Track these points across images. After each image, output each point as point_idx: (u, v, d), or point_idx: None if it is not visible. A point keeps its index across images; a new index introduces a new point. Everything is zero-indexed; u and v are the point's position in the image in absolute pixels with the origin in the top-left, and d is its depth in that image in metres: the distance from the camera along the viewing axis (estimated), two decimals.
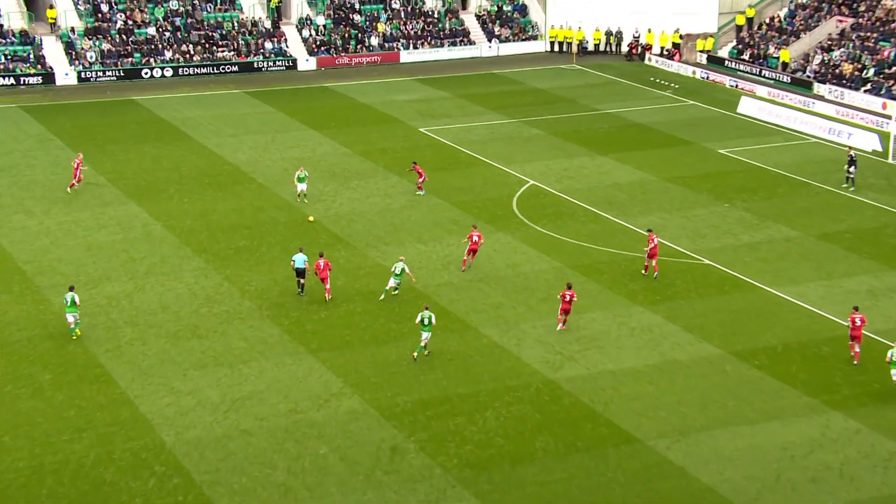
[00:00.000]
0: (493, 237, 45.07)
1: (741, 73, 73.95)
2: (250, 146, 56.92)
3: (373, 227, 46.05)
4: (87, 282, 40.02)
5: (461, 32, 79.96)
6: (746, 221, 47.49)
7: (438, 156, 56.02)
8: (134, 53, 71.93)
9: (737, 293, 40.41)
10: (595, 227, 46.57)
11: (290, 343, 35.96)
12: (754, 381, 34.13)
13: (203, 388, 33.03)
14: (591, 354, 35.59)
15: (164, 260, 42.39)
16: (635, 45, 78.85)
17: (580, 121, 63.16)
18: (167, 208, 47.91)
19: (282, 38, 75.63)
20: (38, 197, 48.98)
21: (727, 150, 57.73)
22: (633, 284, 40.81)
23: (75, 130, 59.24)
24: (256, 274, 41.24)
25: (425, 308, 34.85)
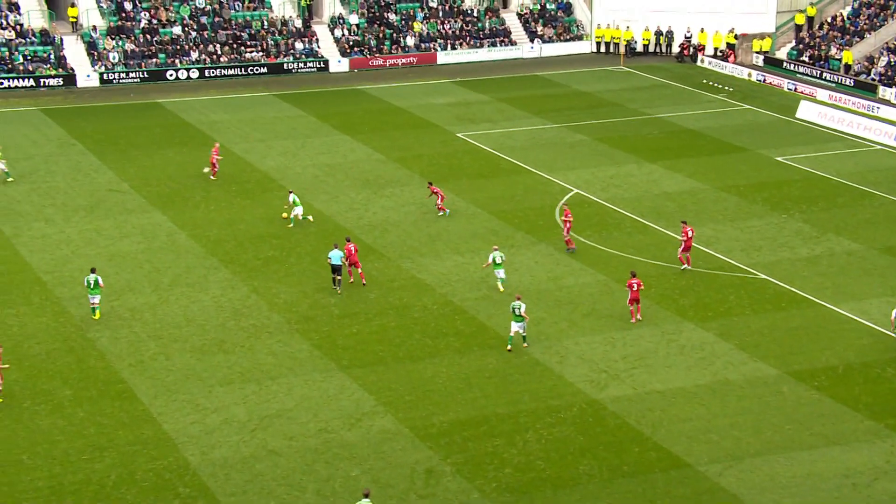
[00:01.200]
0: (535, 248, 45.19)
1: (800, 75, 73.62)
2: (279, 152, 57.42)
3: (408, 238, 46.30)
4: (110, 293, 40.53)
5: (502, 32, 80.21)
6: (805, 233, 47.28)
7: (477, 163, 56.23)
8: (158, 54, 72.78)
9: (794, 310, 40.26)
10: (642, 238, 46.56)
11: (320, 359, 36.25)
12: (813, 404, 33.97)
13: (229, 406, 33.37)
14: (639, 373, 35.59)
15: (190, 271, 42.85)
16: (687, 46, 78.73)
17: (627, 126, 63.16)
18: (192, 217, 48.43)
19: (313, 38, 76.23)
20: (59, 204, 49.69)
21: (784, 158, 57.52)
22: (683, 300, 40.77)
23: (97, 135, 60.03)
24: (285, 286, 41.60)
25: (517, 298, 36.33)
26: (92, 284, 38.16)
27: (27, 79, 69.09)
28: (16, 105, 65.52)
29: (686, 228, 42.86)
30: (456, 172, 54.60)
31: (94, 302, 38.48)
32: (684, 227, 43.10)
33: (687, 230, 42.78)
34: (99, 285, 38.19)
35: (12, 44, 70.51)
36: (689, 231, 42.71)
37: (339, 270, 40.65)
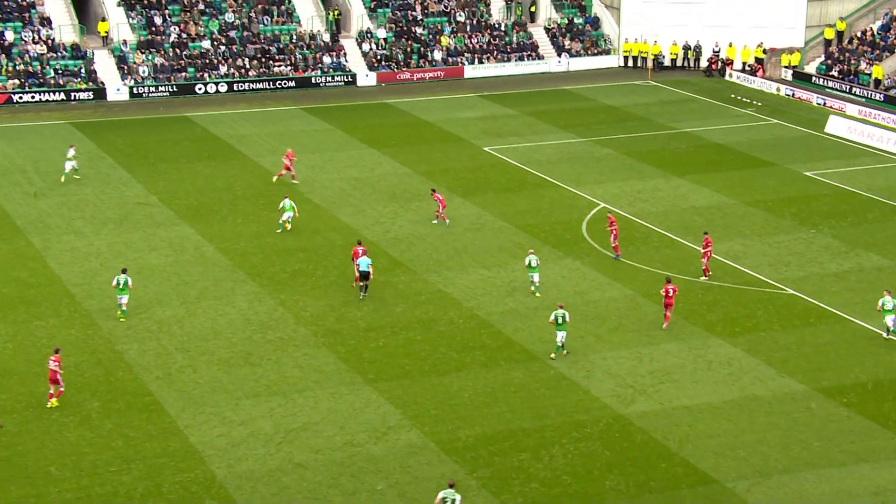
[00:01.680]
0: (561, 263, 45.14)
1: (830, 90, 73.28)
2: (307, 165, 57.62)
3: (434, 251, 46.34)
4: (138, 306, 40.76)
5: (529, 46, 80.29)
6: (834, 249, 47.01)
7: (504, 176, 56.25)
8: (188, 68, 73.27)
9: (823, 325, 40.01)
10: (670, 253, 46.41)
11: (346, 372, 36.30)
12: (842, 420, 33.73)
13: (256, 419, 33.46)
14: (666, 389, 35.43)
15: (217, 284, 43.04)
16: (715, 60, 78.55)
17: (655, 140, 63.03)
18: (220, 230, 48.67)
19: (341, 52, 76.55)
20: (88, 217, 50.04)
21: (813, 173, 57.23)
22: (710, 315, 40.59)
23: (126, 148, 60.44)
24: (312, 299, 41.71)
25: (559, 307, 36.74)
26: (121, 285, 39.34)
27: (58, 93, 69.68)
28: (47, 118, 66.10)
29: (707, 239, 43.45)
30: (482, 186, 54.64)
31: (121, 302, 39.54)
32: (706, 237, 43.68)
33: (709, 240, 43.39)
34: (128, 286, 39.28)
35: (44, 58, 71.16)
36: (710, 241, 43.43)
37: (367, 277, 41.14)
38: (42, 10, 73.88)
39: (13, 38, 71.64)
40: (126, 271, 39.98)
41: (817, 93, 72.12)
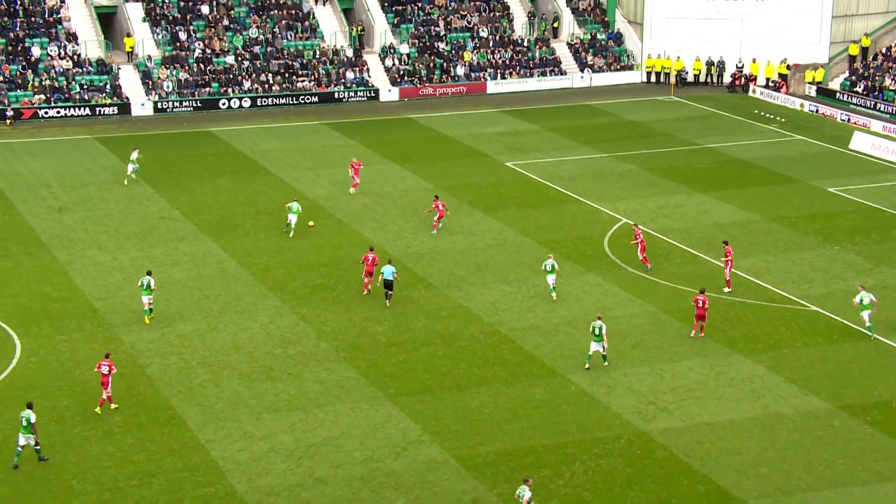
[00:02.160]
0: (583, 279, 45.06)
1: (854, 106, 72.99)
2: (329, 180, 57.79)
3: (455, 267, 46.36)
4: (160, 320, 40.93)
5: (552, 62, 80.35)
6: (857, 266, 46.74)
7: (526, 192, 56.24)
8: (211, 83, 73.68)
9: (847, 342, 39.77)
10: (692, 269, 46.27)
11: (367, 387, 36.32)
12: (866, 439, 33.49)
13: (276, 434, 33.51)
14: (687, 405, 35.28)
15: (239, 298, 43.18)
16: (738, 76, 78.39)
17: (678, 156, 62.91)
18: (243, 244, 48.84)
19: (364, 68, 76.82)
20: (112, 232, 50.32)
21: (837, 189, 56.97)
22: (732, 331, 40.43)
23: (150, 163, 60.73)
24: (333, 314, 41.78)
25: (598, 318, 37.15)
26: (145, 285, 40.36)
27: (83, 107, 70.18)
28: (72, 133, 66.56)
29: (728, 248, 43.71)
30: (504, 201, 54.65)
31: (145, 303, 40.57)
32: (726, 247, 43.87)
33: (729, 250, 43.71)
34: (151, 287, 40.27)
35: (70, 73, 71.71)
36: (730, 251, 43.78)
37: (391, 285, 41.70)
38: (68, 26, 74.50)
39: (39, 54, 72.25)
40: (151, 273, 40.90)
41: (841, 109, 71.82)
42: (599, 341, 36.97)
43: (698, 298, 39.27)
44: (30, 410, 31.55)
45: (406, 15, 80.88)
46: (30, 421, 31.34)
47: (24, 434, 31.40)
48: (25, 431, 31.37)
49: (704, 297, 39.31)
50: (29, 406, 31.76)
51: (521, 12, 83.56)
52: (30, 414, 31.44)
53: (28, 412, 31.48)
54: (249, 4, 78.79)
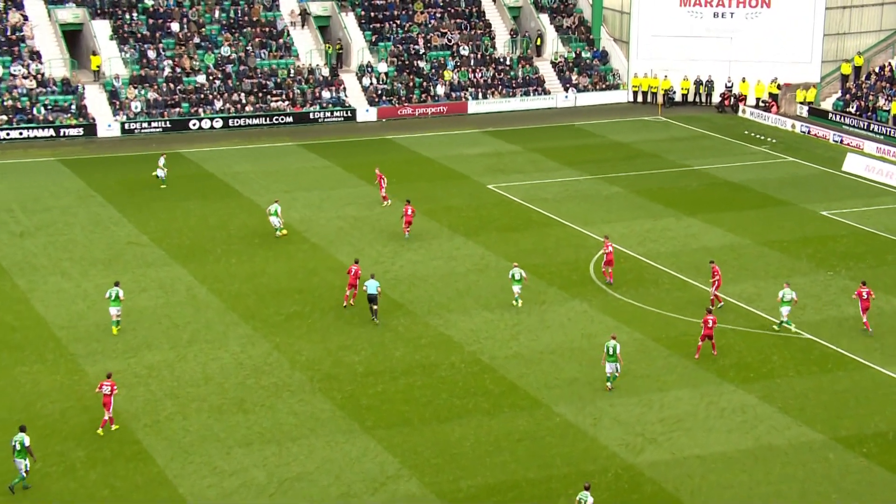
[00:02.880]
0: (568, 305, 45.02)
1: (847, 127, 73.42)
2: (304, 203, 57.70)
3: (435, 293, 46.27)
4: (126, 350, 40.66)
5: (535, 81, 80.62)
6: (852, 291, 46.78)
7: (508, 215, 56.26)
8: (182, 103, 73.57)
9: (841, 371, 39.80)
10: (681, 295, 46.30)
11: (343, 419, 36.12)
12: (862, 472, 33.46)
13: (248, 468, 33.24)
14: (677, 437, 35.20)
15: (209, 326, 42.94)
16: (728, 96, 78.80)
17: (665, 178, 63.10)
18: (213, 270, 48.63)
19: (340, 87, 76.87)
20: (77, 258, 50.03)
21: (830, 212, 57.21)
22: (723, 360, 40.42)
23: (117, 186, 60.55)
24: (308, 342, 41.59)
25: (612, 337, 37.87)
26: (113, 296, 41.57)
27: (47, 129, 69.92)
28: (35, 156, 66.31)
29: (715, 267, 44.41)
30: (486, 225, 54.65)
31: (113, 314, 41.72)
32: (713, 266, 44.70)
33: (716, 269, 44.60)
34: (119, 298, 41.53)
35: (33, 93, 71.49)
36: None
37: (375, 300, 42.58)
38: (32, 44, 74.33)
39: (2, 73, 72.05)
40: (119, 284, 42.15)
41: (834, 130, 72.23)
42: (614, 361, 37.55)
43: (707, 319, 39.99)
44: (23, 434, 31.67)
45: (384, 32, 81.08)
46: (24, 444, 31.46)
47: (18, 458, 31.49)
48: (19, 456, 31.47)
49: (714, 318, 40.07)
50: (22, 429, 31.86)
51: (504, 30, 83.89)
52: (23, 437, 31.56)
53: (21, 435, 31.61)
54: (221, 22, 78.84)
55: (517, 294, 44.45)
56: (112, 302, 41.72)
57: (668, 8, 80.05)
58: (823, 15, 78.21)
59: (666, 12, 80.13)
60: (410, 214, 52.11)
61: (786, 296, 42.41)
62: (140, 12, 77.64)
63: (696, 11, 79.75)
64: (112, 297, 41.66)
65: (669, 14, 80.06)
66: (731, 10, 79.26)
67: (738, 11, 79.17)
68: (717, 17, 79.65)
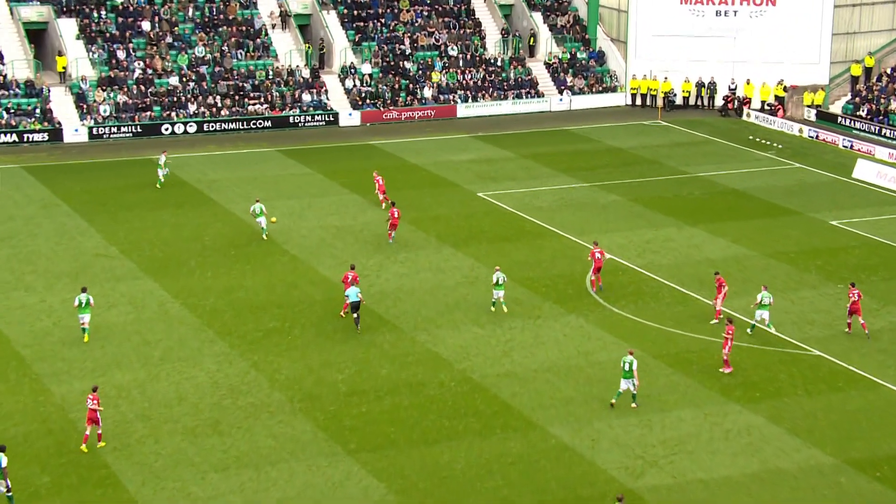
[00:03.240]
0: (563, 320, 45.07)
1: (857, 131, 73.73)
2: (283, 212, 57.68)
3: (423, 307, 46.28)
4: (94, 369, 40.57)
5: (528, 83, 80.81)
6: (864, 306, 46.94)
7: (500, 225, 56.33)
8: (153, 106, 73.56)
9: (853, 390, 39.90)
10: (682, 309, 46.39)
11: (325, 442, 36.08)
12: (875, 496, 33.54)
13: (224, 494, 33.18)
14: (679, 460, 35.24)
15: (183, 344, 42.88)
16: (731, 99, 79.09)
17: (666, 185, 63.26)
18: (187, 284, 48.57)
19: (322, 90, 76.96)
20: (41, 271, 49.93)
21: (840, 222, 57.40)
22: (728, 378, 40.49)
23: (84, 194, 60.47)
24: (288, 360, 41.56)
25: (629, 353, 37.94)
26: (83, 303, 42.19)
27: (9, 134, 69.82)
28: None
29: (720, 279, 44.67)
30: (476, 235, 54.70)
31: (83, 322, 42.37)
32: (718, 278, 45.17)
33: (721, 280, 44.99)
34: (90, 304, 42.24)
35: None
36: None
37: (357, 308, 43.19)
38: None
39: None
40: (86, 290, 42.81)
41: (843, 134, 72.52)
42: (630, 378, 37.65)
43: (730, 328, 40.48)
44: (1, 453, 31.73)
45: (368, 32, 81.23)
46: (0, 465, 31.50)
47: None
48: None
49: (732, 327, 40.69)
50: (1, 449, 31.91)
51: (495, 29, 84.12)
52: (1, 457, 31.61)
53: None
54: (195, 20, 78.89)
55: (501, 299, 45.20)
56: (81, 309, 42.31)
57: (669, 6, 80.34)
58: (832, 13, 78.55)
59: (666, 10, 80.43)
60: (396, 217, 52.80)
61: (764, 299, 43.53)
62: (109, 10, 77.65)
63: (697, 9, 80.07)
64: (82, 305, 42.26)
65: (669, 12, 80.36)
66: (735, 9, 79.58)
67: (741, 10, 79.50)
68: (719, 16, 79.96)
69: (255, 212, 53.43)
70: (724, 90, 79.84)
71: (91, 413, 35.07)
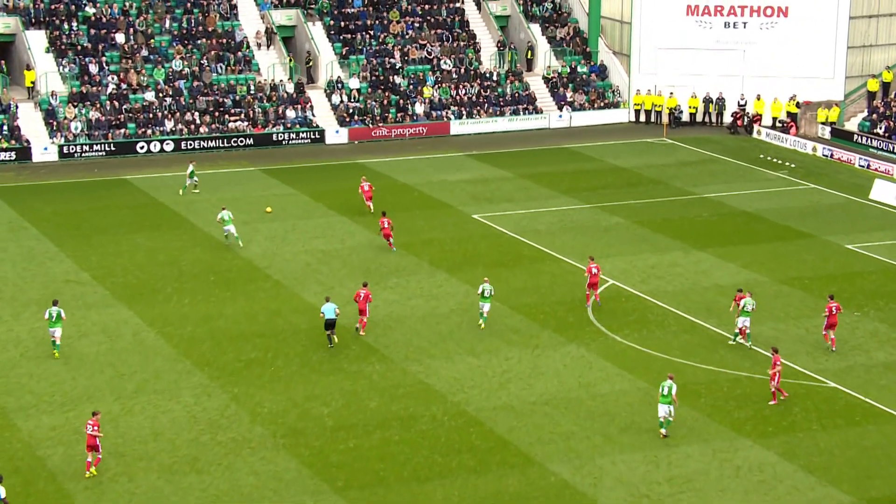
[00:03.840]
0: (564, 350, 45.13)
1: (874, 150, 74.01)
2: (266, 236, 57.75)
3: (414, 336, 46.32)
4: (64, 402, 40.52)
5: (525, 99, 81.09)
6: (882, 335, 47.12)
7: (496, 249, 56.43)
8: (128, 123, 73.69)
9: (871, 425, 39.95)
10: (689, 338, 46.47)
11: (310, 479, 36.05)
12: None
13: None
14: (687, 499, 35.26)
15: (159, 375, 42.86)
16: (741, 115, 79.39)
17: (672, 207, 63.43)
18: (163, 312, 48.59)
19: (307, 105, 77.17)
20: (7, 298, 49.92)
21: (857, 246, 57.58)
22: (738, 412, 40.56)
23: (54, 217, 60.49)
24: (270, 393, 41.56)
25: (669, 377, 38.68)
26: (54, 317, 42.95)
27: None
28: None
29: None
30: (471, 260, 54.79)
31: (55, 336, 43.28)
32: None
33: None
34: (61, 318, 43.02)
35: None
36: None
37: (332, 326, 44.50)
38: None
39: None
40: (57, 303, 43.69)
41: (860, 153, 72.79)
42: (668, 403, 38.10)
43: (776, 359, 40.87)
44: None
45: (356, 44, 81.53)
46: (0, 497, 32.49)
47: None
48: None
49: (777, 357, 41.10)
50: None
51: (490, 41, 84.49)
52: None
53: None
54: (173, 32, 79.15)
55: (485, 313, 46.61)
56: (52, 323, 43.16)
57: (674, 17, 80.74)
58: (847, 25, 78.95)
59: (671, 22, 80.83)
60: (388, 227, 54.82)
61: (747, 305, 44.42)
62: (80, 21, 77.87)
63: (704, 21, 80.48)
64: (52, 318, 43.09)
65: (675, 24, 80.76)
66: (744, 20, 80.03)
67: (751, 21, 79.94)
68: (728, 28, 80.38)
69: (223, 219, 54.59)
70: (732, 106, 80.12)
71: (90, 439, 35.68)
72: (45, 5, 77.48)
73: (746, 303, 44.64)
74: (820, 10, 78.89)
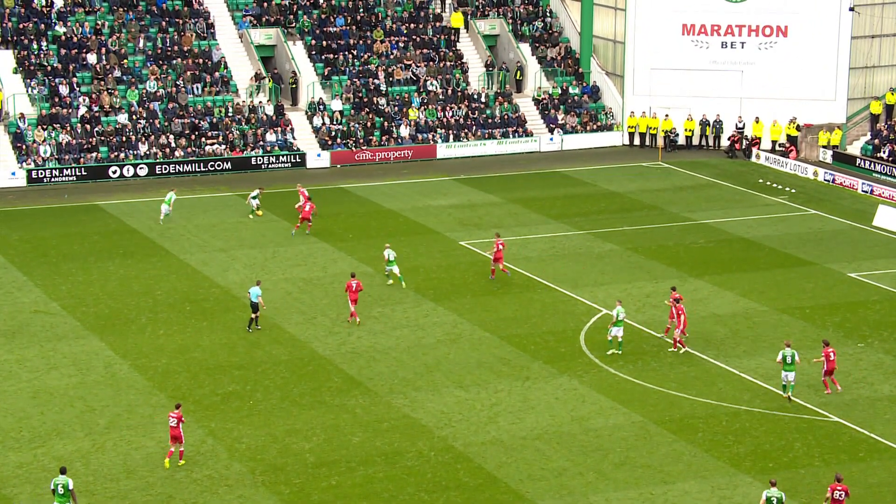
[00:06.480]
0: (555, 382, 45.16)
1: (878, 174, 74.30)
2: (245, 264, 57.77)
3: (400, 368, 46.34)
4: (32, 438, 40.41)
5: (515, 121, 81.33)
6: (887, 367, 47.24)
7: (485, 276, 56.50)
8: (100, 147, 73.71)
9: (875, 461, 40.01)
10: (687, 370, 46.55)
11: None
12: None
13: None
14: None
15: (131, 410, 42.79)
16: (739, 139, 79.68)
17: (667, 233, 63.61)
18: (137, 343, 48.53)
19: (287, 128, 77.30)
20: None
21: (860, 274, 57.76)
22: (738, 446, 40.60)
23: (22, 244, 60.44)
24: (249, 427, 41.50)
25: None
26: (61, 491, 34.67)
27: None
28: None
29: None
30: (458, 288, 54.85)
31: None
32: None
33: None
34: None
35: None
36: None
37: (256, 308, 48.00)
38: None
39: None
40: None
41: (863, 178, 73.06)
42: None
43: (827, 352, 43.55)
44: (64, 476, 34.16)
45: (338, 65, 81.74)
46: (67, 488, 33.98)
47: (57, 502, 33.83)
48: (61, 500, 33.92)
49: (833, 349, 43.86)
50: (62, 471, 34.39)
51: (478, 62, 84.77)
52: (67, 480, 34.05)
53: (63, 478, 34.08)
54: (147, 52, 79.26)
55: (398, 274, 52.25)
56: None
57: (669, 36, 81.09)
58: (849, 45, 79.30)
59: (666, 41, 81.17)
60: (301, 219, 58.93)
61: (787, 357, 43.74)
62: (50, 41, 77.97)
63: (701, 41, 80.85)
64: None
65: (670, 43, 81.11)
66: (742, 40, 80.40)
67: (749, 41, 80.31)
68: (725, 48, 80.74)
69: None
70: (730, 129, 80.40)
71: (173, 430, 37.83)
72: (13, 24, 77.60)
73: (786, 354, 43.52)
74: (821, 30, 79.21)
